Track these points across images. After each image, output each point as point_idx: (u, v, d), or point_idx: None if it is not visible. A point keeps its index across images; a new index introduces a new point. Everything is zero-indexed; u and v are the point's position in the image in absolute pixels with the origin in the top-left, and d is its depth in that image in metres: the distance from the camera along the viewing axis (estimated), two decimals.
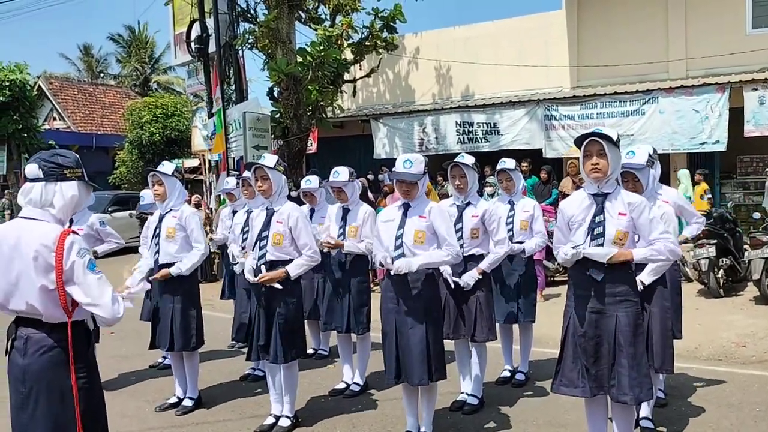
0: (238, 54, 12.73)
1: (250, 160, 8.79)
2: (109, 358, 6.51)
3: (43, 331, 2.62)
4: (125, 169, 22.37)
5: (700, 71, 12.35)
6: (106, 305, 2.61)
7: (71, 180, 2.74)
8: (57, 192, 2.69)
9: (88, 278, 2.59)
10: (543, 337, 6.22)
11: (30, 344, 2.62)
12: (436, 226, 4.06)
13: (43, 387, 2.61)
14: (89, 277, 2.59)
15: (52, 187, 2.69)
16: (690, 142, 11.51)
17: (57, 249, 2.56)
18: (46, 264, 2.57)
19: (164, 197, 5.08)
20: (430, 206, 4.13)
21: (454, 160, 4.73)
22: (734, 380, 5.40)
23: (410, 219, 4.12)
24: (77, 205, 2.79)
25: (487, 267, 4.71)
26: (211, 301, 8.78)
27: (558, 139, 12.50)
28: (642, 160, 4.01)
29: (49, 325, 2.62)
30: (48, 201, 2.67)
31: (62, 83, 28.92)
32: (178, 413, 5.06)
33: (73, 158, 2.78)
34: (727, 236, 8.76)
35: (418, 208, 4.13)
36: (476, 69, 14.49)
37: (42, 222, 2.66)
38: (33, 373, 2.61)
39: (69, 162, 2.75)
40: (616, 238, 3.40)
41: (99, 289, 2.61)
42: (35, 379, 2.61)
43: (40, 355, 2.61)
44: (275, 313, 4.48)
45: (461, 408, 4.85)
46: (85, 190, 2.82)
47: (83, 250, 2.62)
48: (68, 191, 2.73)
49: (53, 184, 2.69)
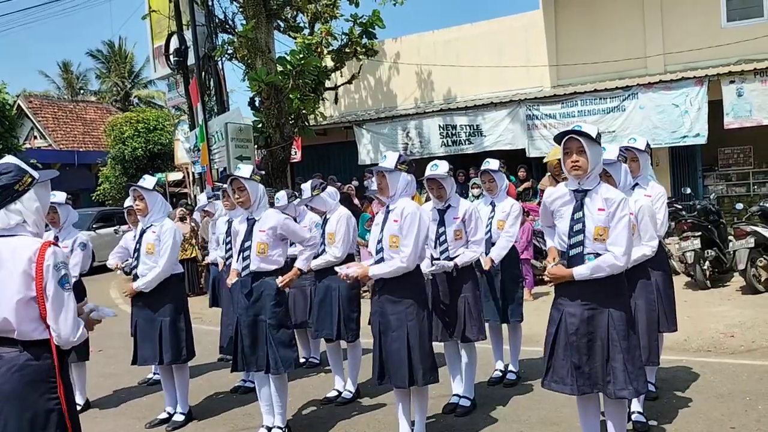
0: (218, 65, 12.69)
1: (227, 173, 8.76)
2: (98, 376, 6.45)
3: (16, 349, 2.57)
4: (109, 185, 22.20)
5: (678, 66, 12.47)
6: (65, 325, 2.58)
7: (26, 192, 2.65)
8: (21, 211, 2.63)
9: (57, 293, 2.56)
10: (533, 336, 6.22)
11: (2, 363, 2.56)
12: (402, 228, 4.02)
13: (15, 408, 2.54)
14: (59, 293, 2.57)
15: (14, 207, 2.63)
16: (671, 137, 11.59)
17: (38, 260, 2.54)
18: (27, 276, 2.53)
19: (145, 212, 5.04)
20: (403, 208, 4.08)
21: (427, 173, 4.66)
22: (724, 370, 5.43)
23: (388, 223, 4.13)
24: (45, 206, 2.74)
25: (461, 263, 4.68)
26: (200, 314, 8.73)
27: (541, 138, 12.55)
28: (612, 156, 4.01)
29: (22, 343, 2.57)
30: (19, 221, 2.62)
31: (42, 101, 28.72)
32: (169, 429, 5.01)
33: (13, 168, 2.65)
34: (711, 228, 8.83)
35: (395, 211, 4.12)
36: (457, 72, 14.54)
37: (20, 236, 2.61)
38: (3, 393, 2.54)
39: (13, 176, 2.63)
40: (596, 234, 3.39)
41: (64, 307, 2.58)
42: (5, 399, 2.54)
43: (12, 374, 2.55)
44: (265, 324, 4.45)
45: (454, 410, 4.84)
46: (44, 190, 2.75)
47: (60, 265, 2.59)
48: (30, 205, 2.66)
49: (13, 205, 2.62)
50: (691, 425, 4.30)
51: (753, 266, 8.01)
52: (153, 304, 4.99)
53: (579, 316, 3.43)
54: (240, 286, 4.55)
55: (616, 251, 3.34)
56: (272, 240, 4.50)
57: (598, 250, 3.40)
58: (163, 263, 4.91)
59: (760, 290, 8.01)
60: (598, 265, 3.34)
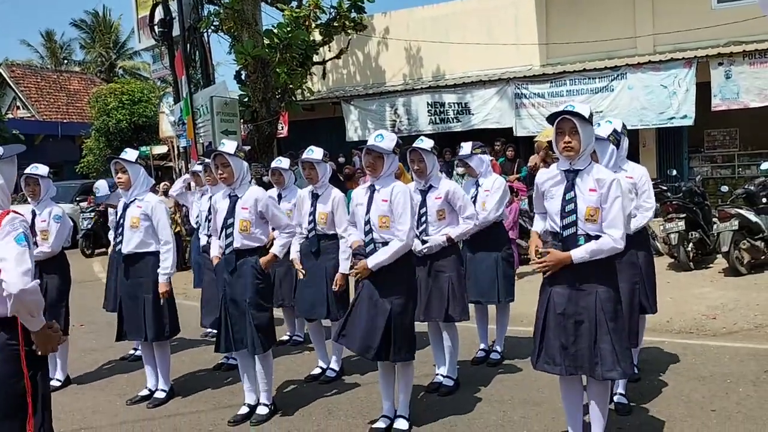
0: (204, 37, 12.48)
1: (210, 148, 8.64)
2: (79, 351, 6.41)
3: None
4: (93, 157, 21.89)
5: (668, 47, 12.42)
6: (16, 272, 2.45)
7: None
8: None
9: (9, 246, 2.49)
10: (518, 316, 6.24)
11: None
12: (394, 208, 4.01)
13: None
14: (11, 245, 2.49)
15: None
16: (658, 118, 11.60)
17: None
18: None
19: (128, 185, 4.95)
20: (393, 187, 4.07)
21: (412, 145, 4.67)
22: (705, 352, 5.48)
23: (375, 203, 4.08)
24: (11, 182, 2.67)
25: (455, 235, 4.70)
26: (184, 290, 8.67)
27: (528, 117, 12.51)
28: (604, 133, 3.99)
29: None
30: None
31: (25, 71, 28.20)
32: (150, 406, 4.97)
33: None
34: (696, 210, 8.87)
35: (383, 191, 4.09)
36: (446, 48, 14.40)
37: None
38: None
39: None
40: (587, 215, 3.37)
41: (15, 257, 2.47)
42: None
43: None
44: (247, 303, 4.41)
45: (437, 390, 4.84)
46: (9, 166, 2.68)
47: (18, 224, 2.54)
48: None
49: None
50: (672, 407, 4.33)
51: (736, 248, 8.06)
52: (136, 280, 4.93)
53: (566, 297, 3.42)
54: (224, 263, 4.49)
55: (614, 234, 3.32)
56: (254, 218, 4.45)
57: (588, 231, 3.38)
58: (171, 242, 4.90)
59: (743, 272, 8.07)
60: (598, 249, 3.31)
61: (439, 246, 4.65)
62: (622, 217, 3.36)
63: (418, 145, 4.65)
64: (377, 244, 4.07)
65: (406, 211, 4.00)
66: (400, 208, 4.01)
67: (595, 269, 3.38)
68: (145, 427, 4.61)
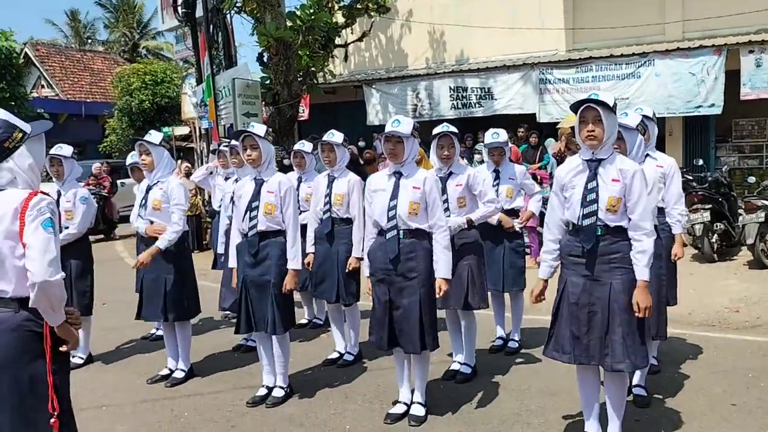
0: (226, 18, 12.45)
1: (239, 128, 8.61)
2: (101, 330, 6.50)
3: (10, 308, 2.51)
4: (115, 137, 22.11)
5: (697, 33, 12.15)
6: (41, 263, 2.42)
7: (17, 148, 2.56)
8: (12, 169, 2.55)
9: (37, 232, 2.46)
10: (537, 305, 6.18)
11: None
12: (429, 199, 4.03)
13: (8, 368, 2.49)
14: (38, 232, 2.46)
15: (4, 165, 2.54)
16: (686, 106, 11.38)
17: (22, 208, 2.47)
18: (14, 233, 2.46)
19: (151, 167, 5.00)
20: (425, 176, 4.07)
21: (442, 130, 4.64)
22: (727, 346, 5.41)
23: (404, 189, 4.05)
24: (40, 161, 2.65)
25: (475, 218, 4.68)
26: (204, 271, 8.73)
27: (552, 103, 12.34)
28: (633, 122, 3.93)
29: (17, 301, 2.51)
30: (9, 180, 2.54)
31: (49, 50, 28.40)
32: (168, 385, 5.04)
33: (2, 124, 2.54)
34: (721, 201, 8.73)
35: (411, 177, 4.06)
36: (470, 32, 14.22)
37: (9, 189, 2.54)
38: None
39: (2, 133, 2.52)
40: (608, 205, 3.34)
41: (42, 246, 2.44)
42: (1, 359, 2.49)
43: (7, 334, 2.49)
44: (268, 284, 4.43)
45: (454, 377, 4.84)
46: (38, 144, 2.65)
47: (45, 209, 2.50)
48: (23, 162, 2.57)
49: (4, 163, 2.54)
50: (691, 401, 4.29)
51: (762, 241, 7.94)
52: (158, 261, 4.97)
53: (581, 287, 3.42)
54: (247, 245, 4.51)
55: (647, 226, 3.32)
56: (279, 201, 4.46)
57: (608, 222, 3.35)
58: (180, 224, 4.94)
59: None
60: (648, 255, 3.30)
61: (459, 228, 4.62)
62: (650, 208, 3.35)
63: (448, 130, 4.60)
64: (401, 230, 4.05)
65: (438, 201, 4.07)
66: (433, 197, 4.03)
67: (610, 261, 3.36)
68: (165, 405, 4.67)
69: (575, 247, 3.45)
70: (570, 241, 3.50)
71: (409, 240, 4.04)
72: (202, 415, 4.47)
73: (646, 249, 3.31)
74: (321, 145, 5.23)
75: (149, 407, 4.66)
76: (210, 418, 4.41)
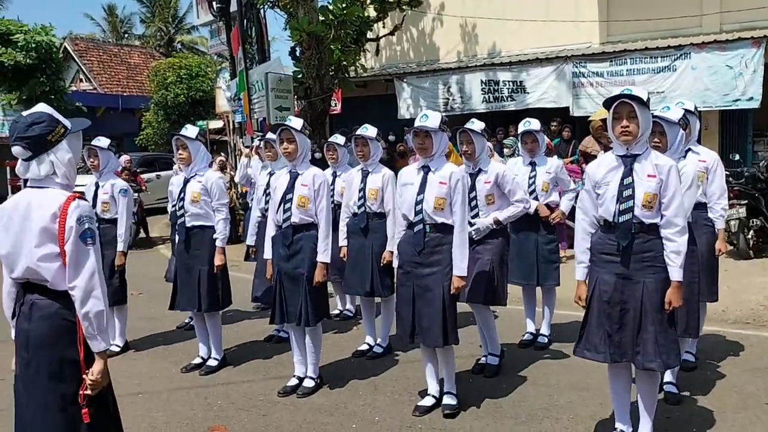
0: (260, 13, 12.58)
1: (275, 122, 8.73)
2: (138, 318, 6.65)
3: (48, 297, 2.59)
4: (151, 130, 22.51)
5: (735, 25, 11.88)
6: (82, 281, 2.53)
7: (59, 142, 2.62)
8: (53, 162, 2.61)
9: (77, 248, 2.53)
10: (566, 300, 6.13)
11: (35, 310, 2.59)
12: (453, 196, 4.04)
13: (44, 355, 2.58)
14: (79, 248, 2.54)
15: (45, 158, 2.60)
16: (722, 99, 11.15)
17: (61, 214, 2.54)
18: (50, 233, 2.54)
19: (189, 161, 5.11)
20: (452, 172, 4.08)
21: (463, 126, 4.65)
22: (762, 344, 5.33)
23: (430, 184, 4.08)
24: (77, 156, 2.71)
25: (503, 218, 4.68)
26: (236, 262, 8.87)
27: (586, 96, 12.19)
28: (675, 117, 3.88)
29: (54, 292, 2.59)
30: (49, 172, 2.61)
31: (87, 44, 28.96)
32: (202, 373, 5.16)
33: (46, 118, 2.61)
34: (758, 197, 8.57)
35: (438, 172, 4.09)
36: (502, 25, 14.11)
37: (49, 189, 2.62)
38: (35, 339, 2.58)
39: (45, 127, 2.59)
40: (644, 201, 3.31)
41: (83, 264, 2.53)
42: (37, 346, 2.58)
43: (44, 321, 2.58)
44: (301, 277, 4.50)
45: (482, 371, 4.86)
46: (76, 140, 2.72)
47: (84, 218, 2.57)
48: (63, 156, 2.63)
49: (45, 155, 2.60)
50: (724, 398, 4.25)
51: None
52: (192, 252, 5.09)
53: (612, 285, 3.39)
54: (281, 237, 4.59)
55: (680, 222, 3.31)
56: (312, 194, 4.53)
57: (643, 218, 3.33)
58: (226, 211, 5.12)
59: None
60: (681, 255, 3.30)
61: (487, 229, 4.64)
62: (684, 205, 3.33)
63: (469, 126, 4.62)
64: (427, 225, 4.08)
65: (463, 198, 4.07)
66: (458, 193, 4.04)
67: (643, 259, 3.34)
68: (199, 393, 4.78)
69: (609, 245, 3.42)
70: (602, 239, 3.46)
71: (435, 234, 4.08)
72: (234, 403, 4.56)
73: (680, 249, 3.29)
74: (355, 139, 5.28)
75: (183, 395, 4.77)
76: (242, 407, 4.50)
